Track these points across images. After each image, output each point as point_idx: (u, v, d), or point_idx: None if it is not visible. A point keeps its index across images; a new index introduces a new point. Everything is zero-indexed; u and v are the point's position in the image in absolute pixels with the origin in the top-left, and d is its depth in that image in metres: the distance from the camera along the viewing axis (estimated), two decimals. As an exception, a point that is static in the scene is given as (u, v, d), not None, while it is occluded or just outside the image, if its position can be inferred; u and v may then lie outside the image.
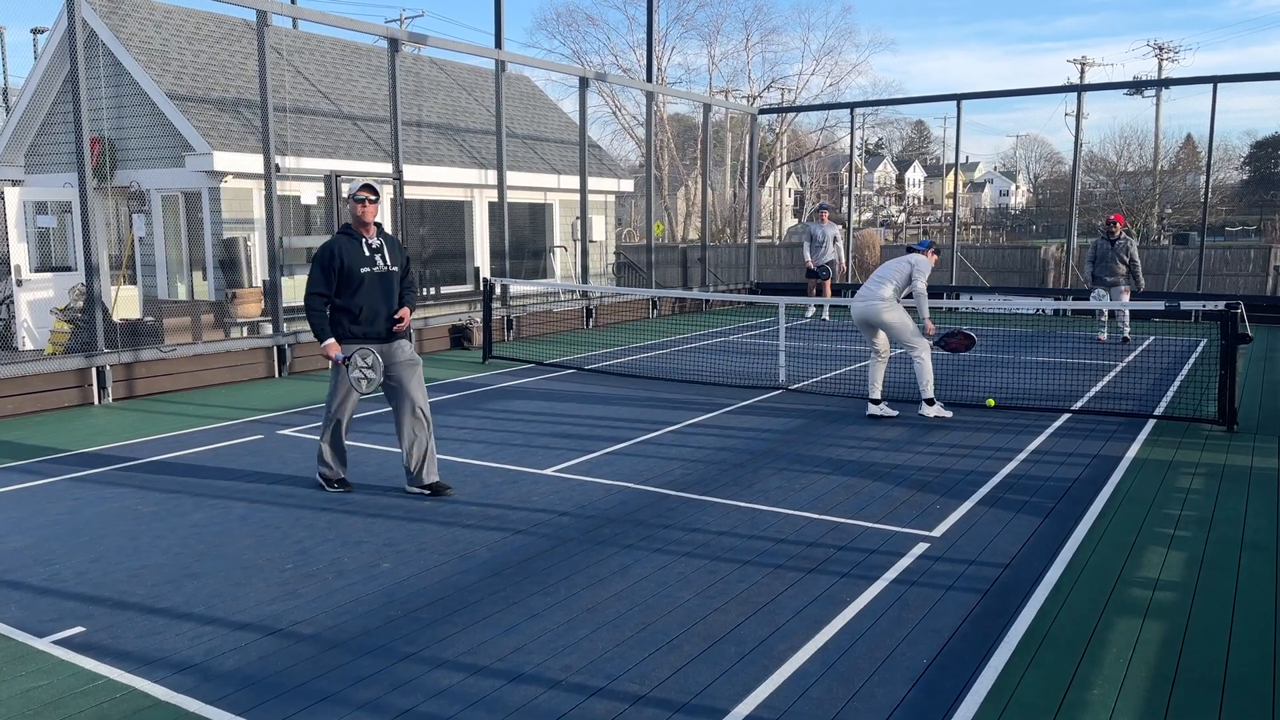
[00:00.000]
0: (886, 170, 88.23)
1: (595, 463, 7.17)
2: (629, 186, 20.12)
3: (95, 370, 9.66)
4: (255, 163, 12.45)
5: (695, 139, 43.57)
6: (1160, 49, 52.80)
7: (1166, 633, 4.20)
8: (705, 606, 4.49)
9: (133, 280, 14.08)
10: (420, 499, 6.27)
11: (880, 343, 8.68)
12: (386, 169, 14.00)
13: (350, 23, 12.81)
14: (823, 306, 17.65)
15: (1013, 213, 72.90)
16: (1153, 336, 14.39)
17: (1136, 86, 26.26)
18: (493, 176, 15.79)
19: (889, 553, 5.19)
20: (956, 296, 17.02)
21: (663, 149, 39.04)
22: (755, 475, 6.78)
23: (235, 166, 12.65)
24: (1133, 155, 48.59)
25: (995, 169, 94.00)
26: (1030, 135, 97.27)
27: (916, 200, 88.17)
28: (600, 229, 18.74)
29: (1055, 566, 4.98)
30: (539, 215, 18.24)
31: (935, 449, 7.56)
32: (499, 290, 14.64)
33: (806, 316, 17.50)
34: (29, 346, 12.69)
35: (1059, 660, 3.94)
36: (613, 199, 19.90)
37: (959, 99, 18.74)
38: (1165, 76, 49.48)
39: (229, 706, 3.59)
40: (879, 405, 8.71)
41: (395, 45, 12.86)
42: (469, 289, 16.12)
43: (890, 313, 8.45)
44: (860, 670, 3.85)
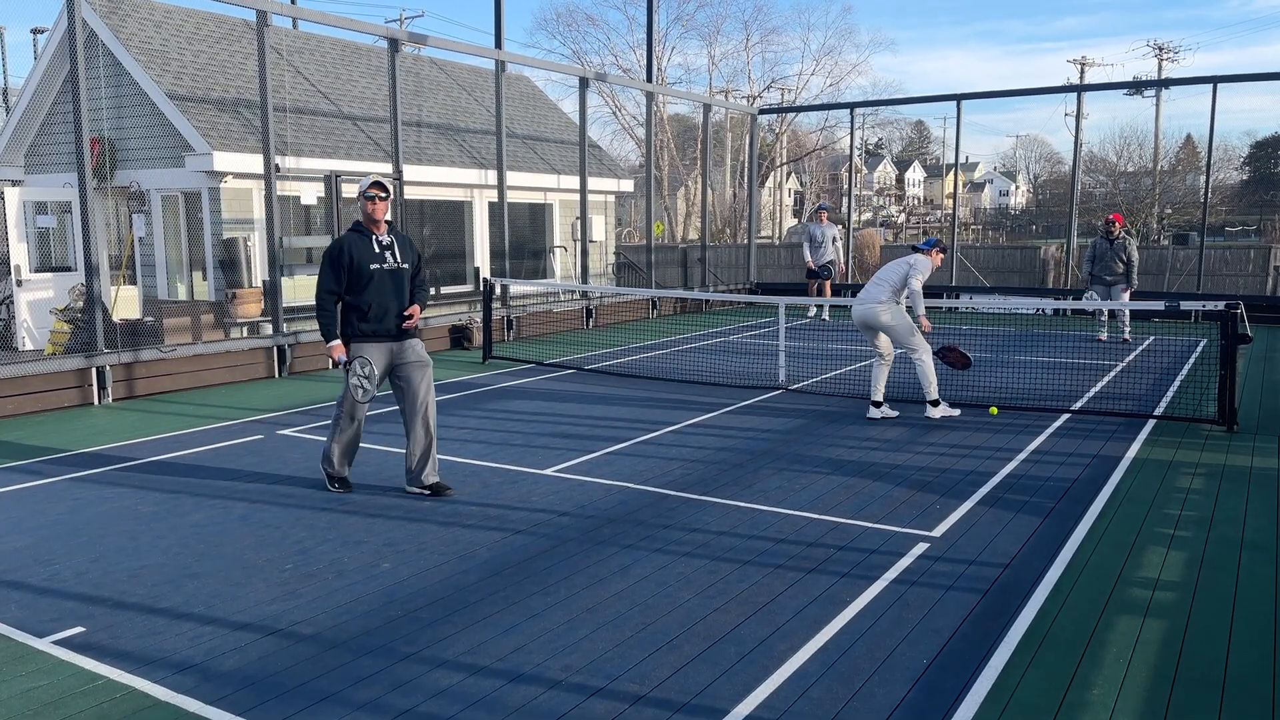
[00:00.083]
0: (886, 170, 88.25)
1: (595, 463, 7.17)
2: (629, 186, 20.12)
3: (95, 370, 9.67)
4: (255, 163, 12.45)
5: (695, 139, 43.57)
6: (1160, 49, 52.85)
7: (1166, 632, 4.20)
8: (705, 606, 4.49)
9: (133, 280, 14.08)
10: (420, 499, 6.28)
11: (883, 345, 8.67)
12: (386, 169, 14.00)
13: (350, 23, 12.82)
14: (823, 307, 17.66)
15: (1013, 213, 72.91)
16: (1153, 337, 14.40)
17: (1136, 86, 26.26)
18: (493, 176, 15.79)
19: (889, 553, 5.19)
20: (956, 296, 17.02)
21: (663, 149, 39.04)
22: (755, 475, 6.78)
23: (235, 166, 12.65)
24: (1133, 155, 48.64)
25: (995, 169, 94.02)
26: (1030, 135, 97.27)
27: (916, 200, 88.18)
28: (600, 229, 18.74)
29: (1055, 566, 4.98)
30: (539, 215, 18.24)
31: (935, 449, 7.56)
32: (499, 290, 14.64)
33: (808, 316, 17.51)
34: (29, 347, 12.69)
35: (1059, 660, 3.94)
36: (613, 199, 19.90)
37: (959, 99, 18.74)
38: (1165, 76, 49.50)
39: (229, 706, 3.59)
40: (880, 408, 8.70)
41: (395, 45, 12.86)
42: (469, 289, 16.13)
43: (889, 315, 8.44)
44: (860, 670, 3.86)
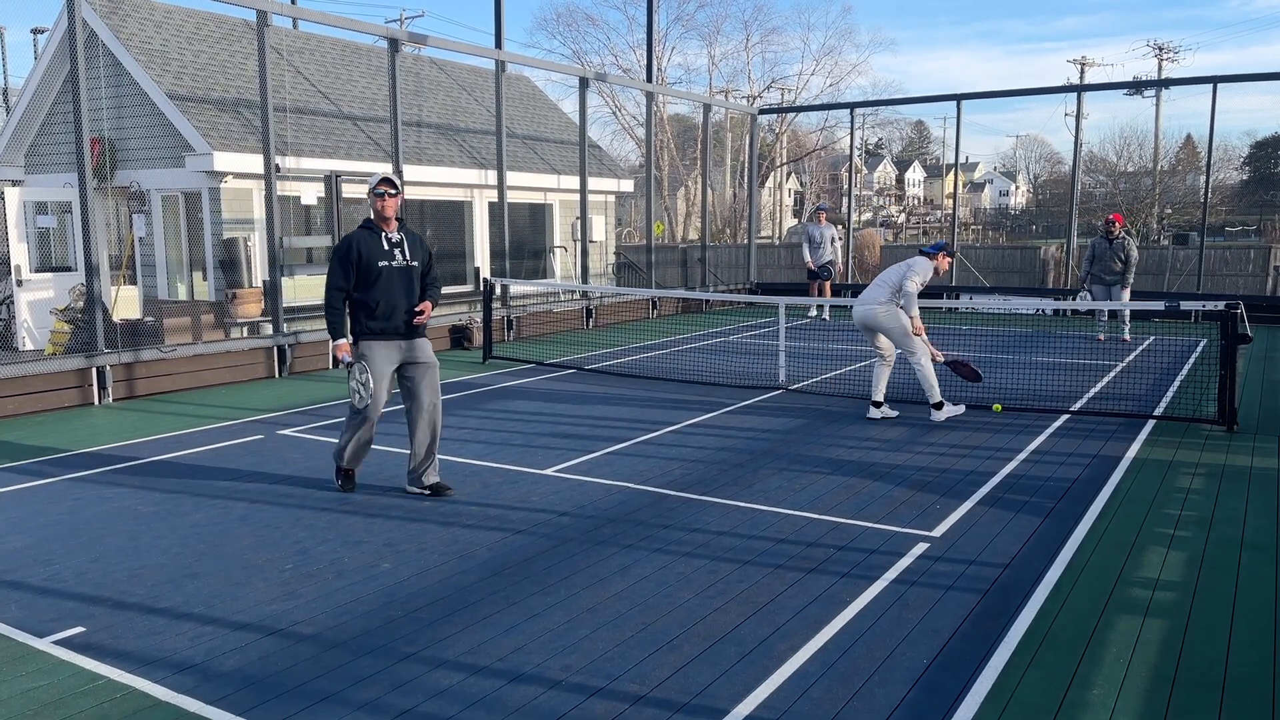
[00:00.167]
0: (886, 170, 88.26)
1: (595, 463, 7.17)
2: (629, 186, 20.12)
3: (95, 370, 9.67)
4: (255, 163, 12.45)
5: (695, 139, 43.58)
6: (1160, 49, 52.83)
7: (1166, 632, 4.20)
8: (705, 606, 4.49)
9: (133, 280, 14.08)
10: (420, 499, 6.28)
11: (884, 346, 8.64)
12: (386, 169, 14.00)
13: (350, 23, 12.82)
14: (823, 307, 17.66)
15: (1012, 213, 72.91)
16: (1153, 337, 14.40)
17: (1136, 86, 26.26)
18: (493, 176, 15.79)
19: (889, 553, 5.19)
20: (956, 296, 17.02)
21: (663, 149, 39.05)
22: (755, 475, 6.78)
23: (235, 166, 12.65)
24: (1133, 155, 48.64)
25: (995, 169, 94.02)
26: (1030, 135, 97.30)
27: (916, 200, 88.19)
28: (600, 229, 18.73)
29: (1055, 566, 4.98)
30: (539, 215, 18.24)
31: (935, 449, 7.56)
32: (499, 290, 14.64)
33: (808, 317, 17.52)
34: (29, 347, 12.69)
35: (1059, 660, 3.94)
36: (613, 199, 19.89)
37: (959, 99, 18.73)
38: (1165, 76, 49.49)
39: (229, 706, 3.59)
40: (880, 408, 8.69)
41: (395, 45, 12.86)
42: (469, 289, 16.12)
43: (887, 316, 8.39)
44: (860, 670, 3.86)
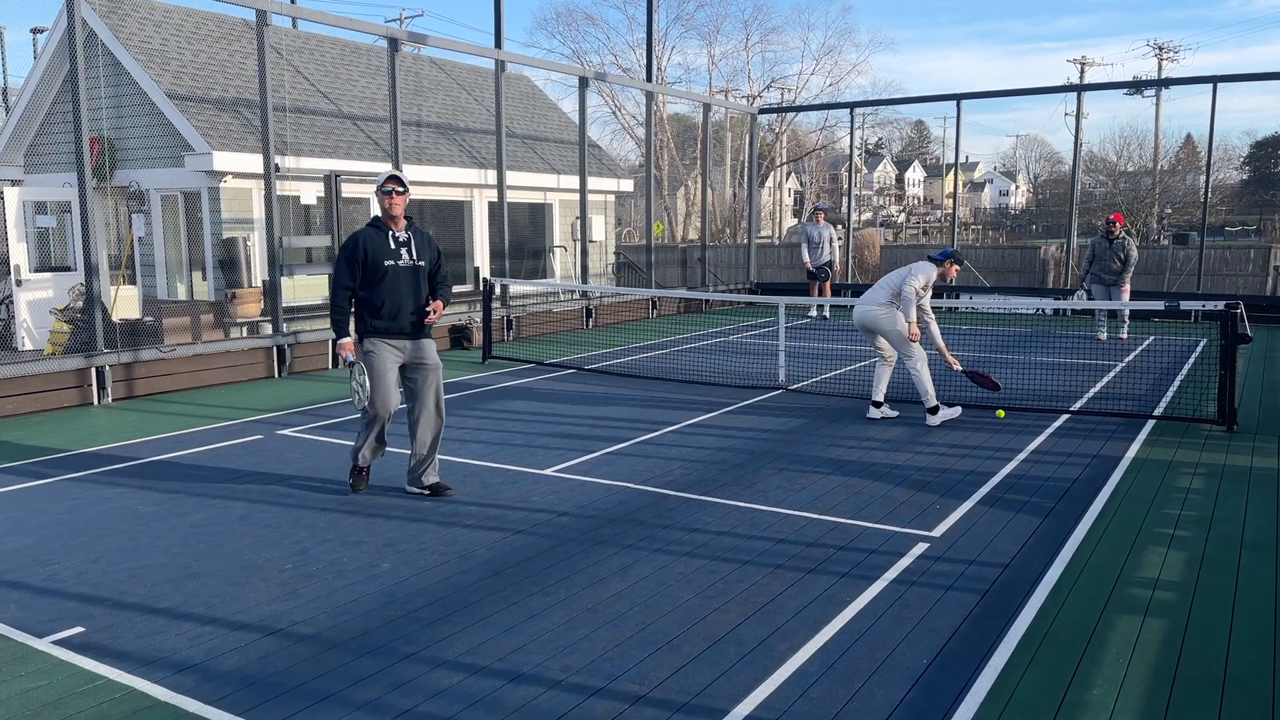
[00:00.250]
0: (886, 170, 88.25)
1: (595, 463, 7.17)
2: (629, 186, 20.12)
3: (95, 370, 9.66)
4: (255, 163, 12.45)
5: (695, 139, 43.57)
6: (1160, 49, 52.86)
7: (1166, 632, 4.20)
8: (705, 606, 4.49)
9: (132, 280, 14.07)
10: (420, 499, 6.28)
11: (884, 347, 8.62)
12: (386, 169, 13.98)
13: (350, 22, 12.81)
14: (823, 306, 17.66)
15: (1012, 213, 72.92)
16: (1153, 336, 14.40)
17: (1136, 86, 26.27)
18: (492, 176, 15.79)
19: (889, 553, 5.19)
20: (956, 296, 17.02)
21: (662, 149, 39.04)
22: (755, 475, 6.78)
23: (235, 166, 12.65)
24: (1133, 155, 48.65)
25: (995, 169, 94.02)
26: (1030, 135, 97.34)
27: (916, 200, 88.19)
28: (600, 229, 18.73)
29: (1055, 566, 4.98)
30: (539, 215, 18.24)
31: (935, 449, 7.56)
32: (499, 290, 14.64)
33: (808, 316, 17.52)
34: (29, 346, 12.69)
35: (1059, 660, 3.94)
36: (613, 199, 19.89)
37: (959, 99, 18.73)
38: (1165, 76, 49.49)
39: (229, 706, 3.59)
40: (880, 408, 8.69)
41: (395, 45, 12.86)
42: (469, 289, 16.12)
43: (887, 319, 8.34)
44: (860, 670, 3.85)
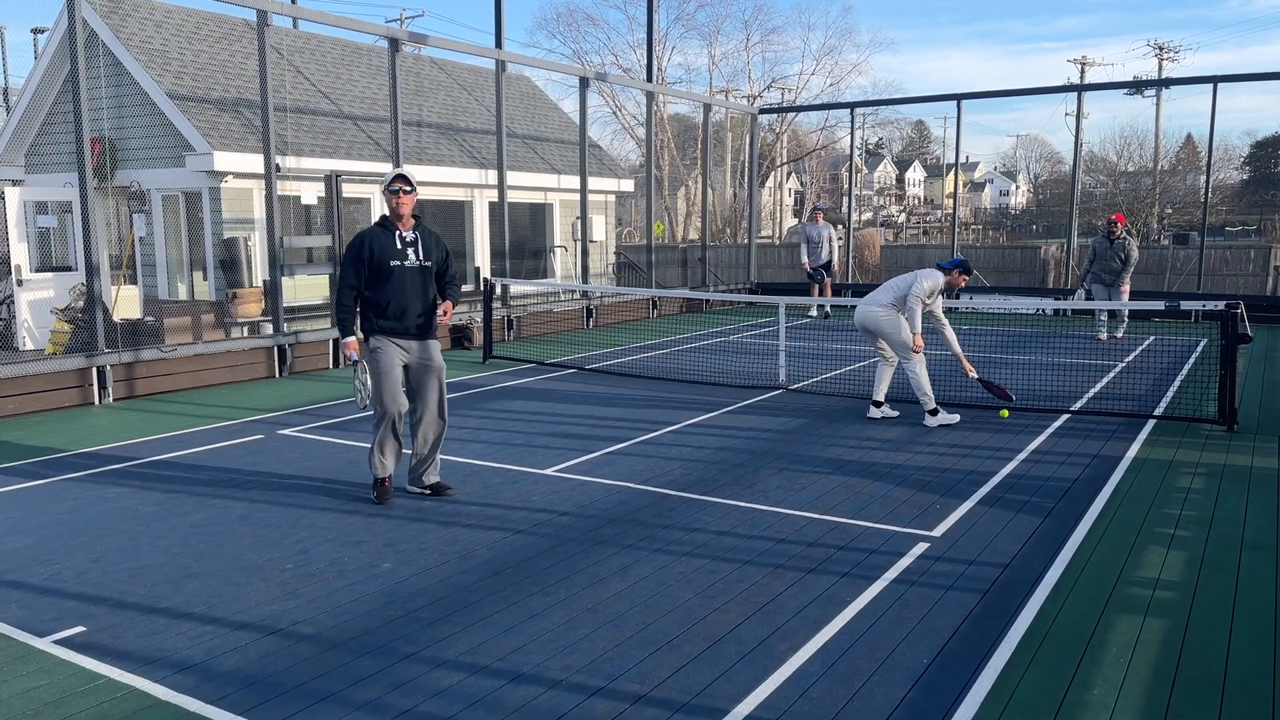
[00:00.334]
0: (886, 170, 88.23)
1: (595, 463, 7.17)
2: (629, 186, 20.12)
3: (95, 370, 9.67)
4: (255, 163, 12.45)
5: (695, 139, 43.57)
6: (1160, 49, 52.83)
7: (1166, 632, 4.20)
8: (705, 606, 4.49)
9: (133, 280, 14.08)
10: (420, 499, 6.28)
11: (885, 348, 8.59)
12: (387, 169, 14.00)
13: (350, 23, 12.82)
14: (824, 306, 17.65)
15: (1013, 213, 72.89)
16: (1153, 336, 14.40)
17: (1136, 86, 26.27)
18: (493, 176, 15.79)
19: (889, 553, 5.19)
20: (957, 297, 16.98)
21: (663, 149, 39.04)
22: (755, 475, 6.78)
23: (235, 166, 12.65)
24: (1133, 155, 48.64)
25: (995, 169, 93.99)
26: (1030, 135, 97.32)
27: (916, 200, 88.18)
28: (600, 229, 18.73)
29: (1055, 566, 4.98)
30: (539, 215, 18.24)
31: (935, 449, 7.56)
32: (499, 290, 14.65)
33: (809, 316, 17.52)
34: (29, 346, 12.69)
35: (1059, 660, 3.94)
36: (613, 199, 19.89)
37: (959, 99, 18.73)
38: (1165, 76, 49.49)
39: (229, 706, 3.59)
40: (880, 408, 8.68)
41: (395, 45, 12.86)
42: (469, 289, 16.11)
43: (887, 322, 8.31)
44: (860, 670, 3.86)
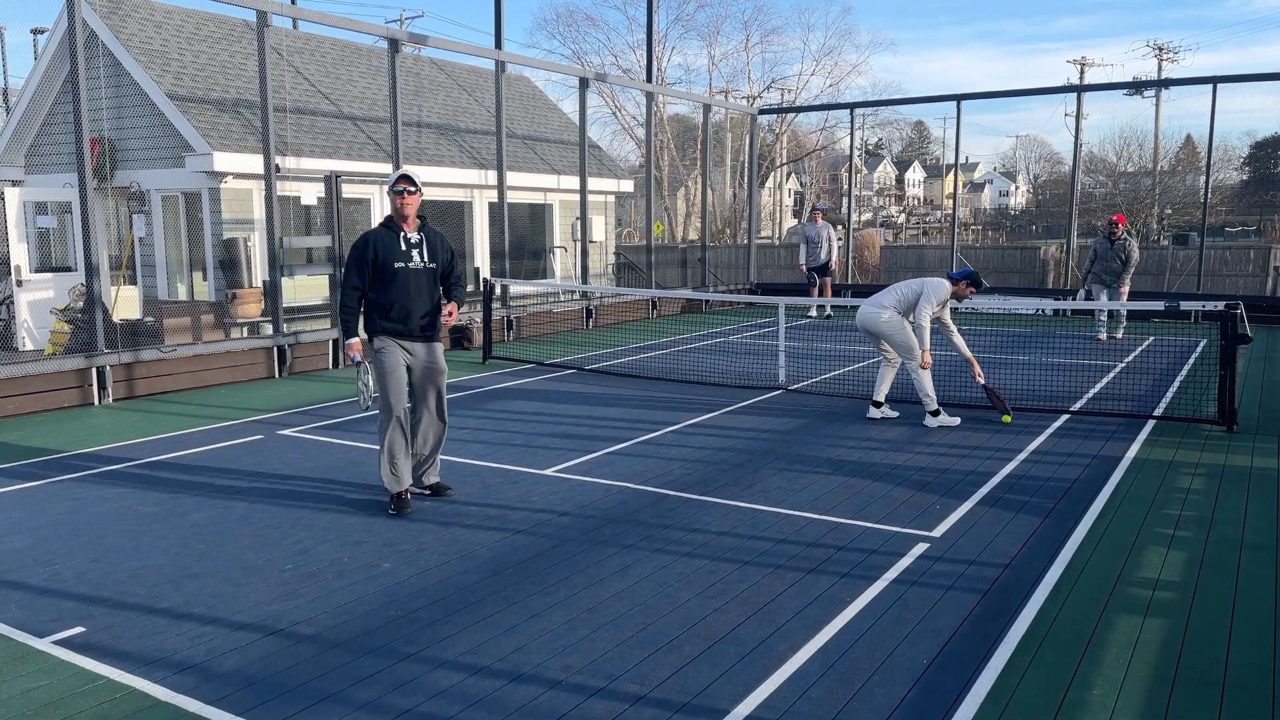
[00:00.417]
0: (886, 170, 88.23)
1: (595, 463, 7.17)
2: (629, 187, 20.12)
3: (95, 370, 9.66)
4: (255, 163, 12.45)
5: (695, 139, 43.57)
6: (1160, 49, 52.84)
7: (1166, 632, 4.20)
8: (705, 606, 4.49)
9: (133, 280, 14.08)
10: (420, 499, 6.27)
11: (888, 349, 8.56)
12: (386, 169, 14.01)
13: (350, 23, 12.82)
14: (825, 306, 17.65)
15: (1012, 213, 72.91)
16: (1153, 337, 14.40)
17: (1136, 87, 26.25)
18: (493, 177, 15.79)
19: (889, 553, 5.19)
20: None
21: (663, 149, 39.04)
22: (755, 475, 6.78)
23: (235, 167, 12.65)
24: (1132, 155, 48.68)
25: (995, 169, 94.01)
26: (1030, 135, 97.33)
27: (916, 200, 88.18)
28: (600, 229, 18.73)
29: (1055, 566, 4.98)
30: (539, 215, 18.24)
31: (935, 449, 7.56)
32: (499, 290, 14.65)
33: (809, 316, 17.52)
34: (29, 347, 12.69)
35: (1059, 660, 3.94)
36: (613, 199, 19.89)
37: (959, 99, 18.73)
38: (1165, 77, 49.48)
39: (229, 706, 3.59)
40: (880, 408, 8.68)
41: (395, 45, 12.86)
42: (469, 289, 16.13)
43: (888, 325, 8.28)
44: (860, 670, 3.86)
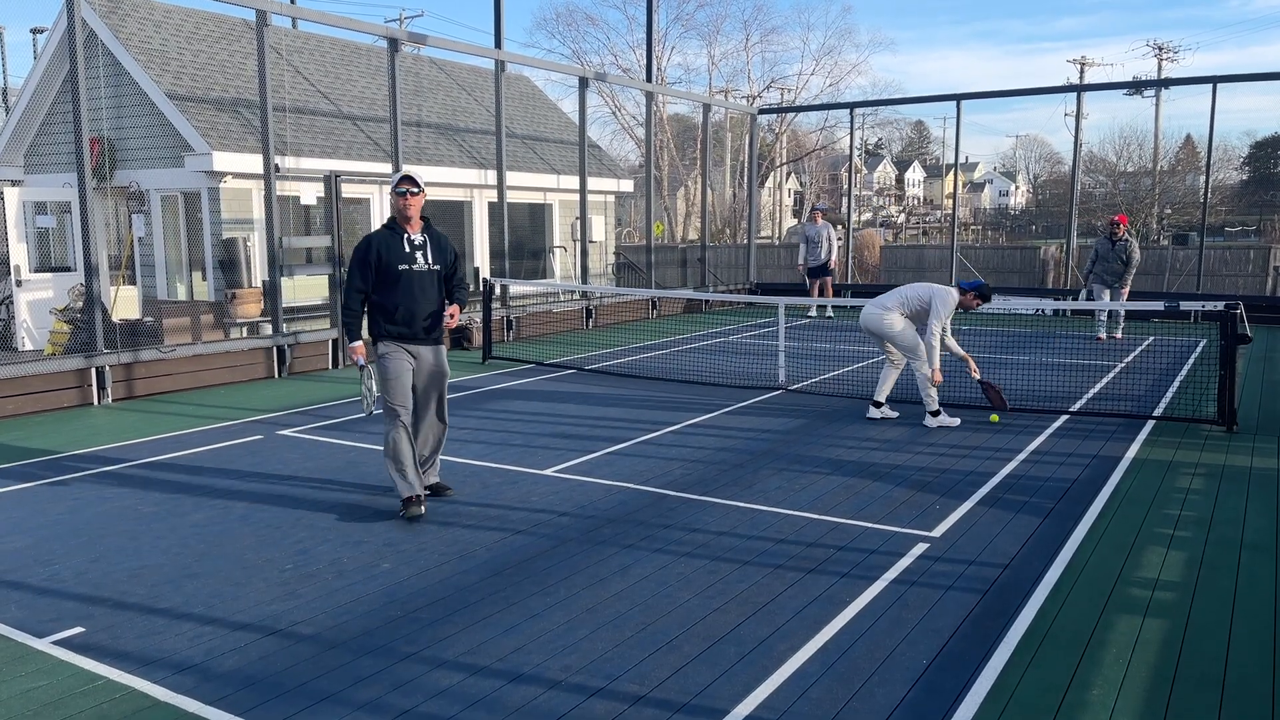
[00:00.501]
0: (886, 170, 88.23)
1: (595, 463, 7.17)
2: (629, 186, 20.12)
3: (95, 370, 9.66)
4: (255, 163, 12.45)
5: (695, 139, 43.57)
6: (1160, 49, 52.85)
7: (1166, 632, 4.20)
8: (705, 606, 4.49)
9: (132, 280, 14.07)
10: (420, 499, 6.27)
11: (893, 352, 8.54)
12: (386, 169, 14.00)
13: (350, 23, 12.81)
14: (825, 306, 17.66)
15: (1012, 213, 72.94)
16: (1152, 337, 14.40)
17: (1136, 86, 26.26)
18: (492, 176, 15.79)
19: (889, 553, 5.19)
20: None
21: (662, 149, 39.05)
22: (755, 475, 6.78)
23: (235, 166, 12.65)
24: (1132, 155, 48.70)
25: (995, 169, 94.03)
26: (1030, 135, 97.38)
27: (916, 200, 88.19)
28: (600, 229, 18.73)
29: (1055, 566, 4.98)
30: (539, 215, 18.24)
31: (935, 449, 7.56)
32: (499, 290, 14.65)
33: (809, 316, 17.52)
34: (29, 347, 12.69)
35: (1059, 660, 3.94)
36: (612, 199, 19.90)
37: (959, 99, 18.73)
38: (1165, 76, 49.49)
39: (229, 707, 3.59)
40: (880, 408, 8.67)
41: (395, 45, 12.86)
42: (469, 289, 16.11)
43: (892, 325, 8.26)
44: (860, 670, 3.86)
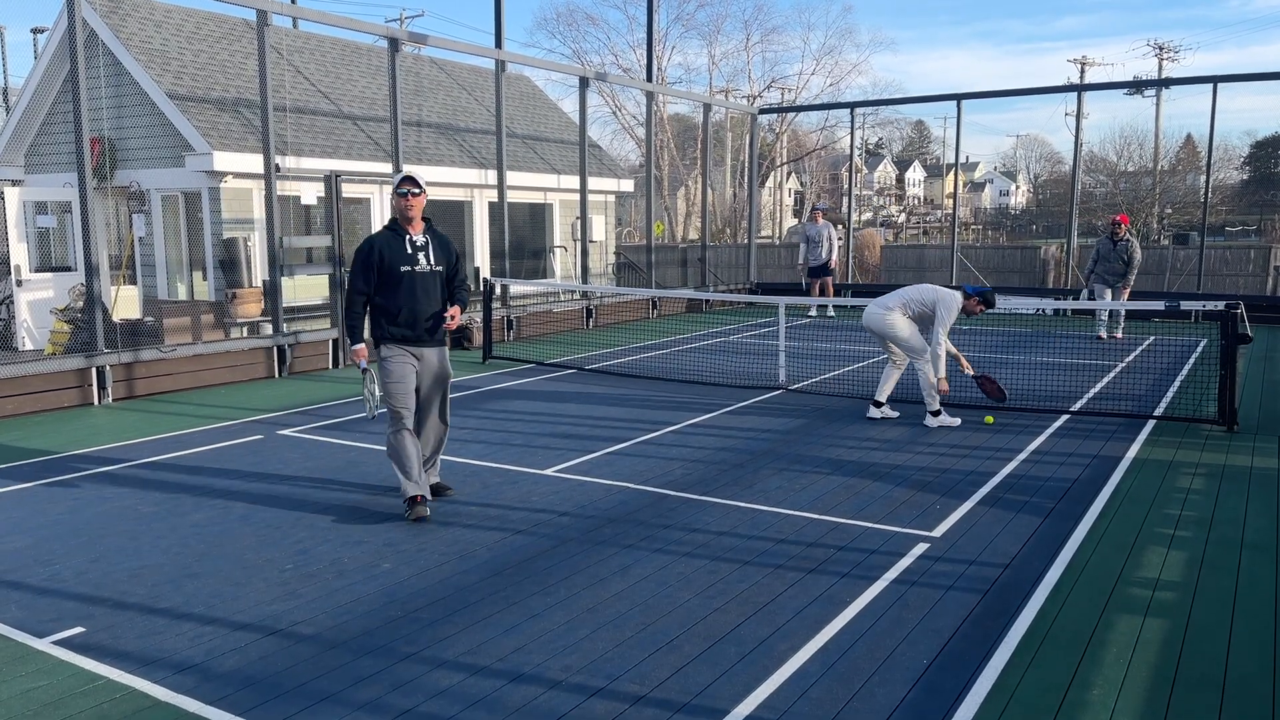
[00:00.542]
0: (886, 170, 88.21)
1: (595, 463, 7.17)
2: (629, 186, 20.12)
3: (95, 370, 9.66)
4: (255, 163, 12.45)
5: (695, 139, 43.57)
6: (1160, 49, 52.86)
7: (1166, 632, 4.20)
8: (705, 606, 4.49)
9: (133, 280, 14.08)
10: (420, 499, 6.27)
11: (897, 353, 8.53)
12: (386, 169, 14.01)
13: (350, 22, 12.81)
14: (825, 305, 17.66)
15: (1013, 213, 72.92)
16: (1153, 336, 14.40)
17: (1136, 86, 26.28)
18: (493, 176, 15.79)
19: (889, 553, 5.19)
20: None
21: (663, 149, 39.04)
22: (755, 475, 6.78)
23: (235, 166, 12.65)
24: (1133, 155, 48.69)
25: (995, 169, 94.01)
26: (1030, 135, 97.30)
27: (916, 200, 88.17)
28: (600, 229, 18.73)
29: (1055, 566, 4.98)
30: (539, 215, 18.24)
31: (935, 449, 7.56)
32: (499, 290, 14.65)
33: (809, 315, 17.52)
34: (29, 346, 12.69)
35: (1059, 660, 3.94)
36: (613, 199, 19.90)
37: (959, 99, 18.73)
38: (1165, 76, 49.49)
39: (229, 707, 3.59)
40: (880, 408, 8.67)
41: (395, 45, 12.86)
42: (470, 290, 16.11)
43: (896, 325, 8.25)
44: (860, 670, 3.86)
